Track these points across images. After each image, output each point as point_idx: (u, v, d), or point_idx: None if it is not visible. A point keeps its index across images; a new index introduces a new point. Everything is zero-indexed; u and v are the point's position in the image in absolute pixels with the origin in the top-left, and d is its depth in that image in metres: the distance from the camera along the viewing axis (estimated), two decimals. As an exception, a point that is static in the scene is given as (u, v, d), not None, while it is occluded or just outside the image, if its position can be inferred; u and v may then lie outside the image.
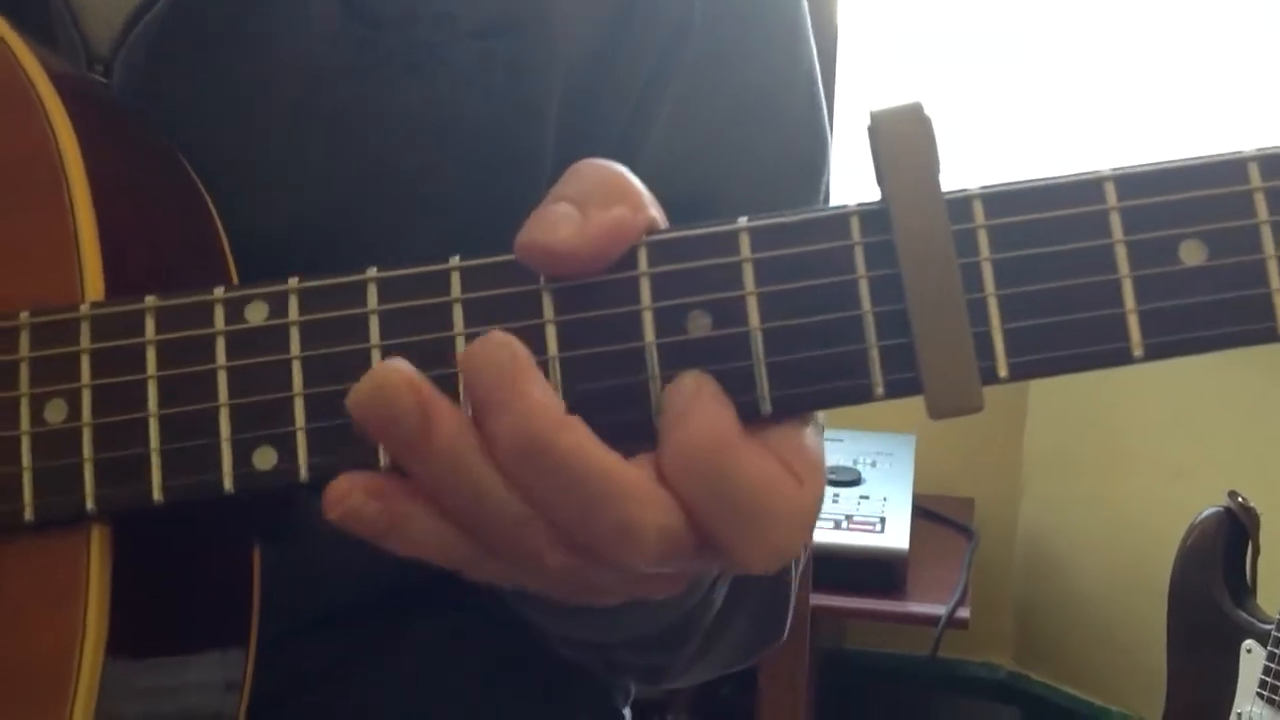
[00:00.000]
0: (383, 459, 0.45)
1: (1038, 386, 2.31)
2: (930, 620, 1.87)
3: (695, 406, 0.43)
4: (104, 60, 0.60)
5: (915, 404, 0.44)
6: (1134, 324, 0.43)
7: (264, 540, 0.54)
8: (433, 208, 0.64)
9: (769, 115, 0.69)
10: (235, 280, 0.55)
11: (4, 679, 0.47)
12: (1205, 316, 0.43)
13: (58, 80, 0.52)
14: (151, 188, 0.54)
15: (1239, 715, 1.70)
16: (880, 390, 0.44)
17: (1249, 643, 1.69)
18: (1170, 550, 1.76)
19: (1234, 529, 1.73)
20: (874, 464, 2.10)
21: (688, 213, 0.65)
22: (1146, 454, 2.23)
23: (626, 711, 0.81)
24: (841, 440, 2.12)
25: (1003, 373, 0.44)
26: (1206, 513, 1.75)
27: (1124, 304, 0.43)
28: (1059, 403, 2.32)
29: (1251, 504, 1.72)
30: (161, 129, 0.58)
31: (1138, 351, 0.43)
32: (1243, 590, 1.74)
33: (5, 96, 0.51)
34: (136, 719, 0.49)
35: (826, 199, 0.71)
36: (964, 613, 1.89)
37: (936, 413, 0.43)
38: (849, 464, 2.08)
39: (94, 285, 0.49)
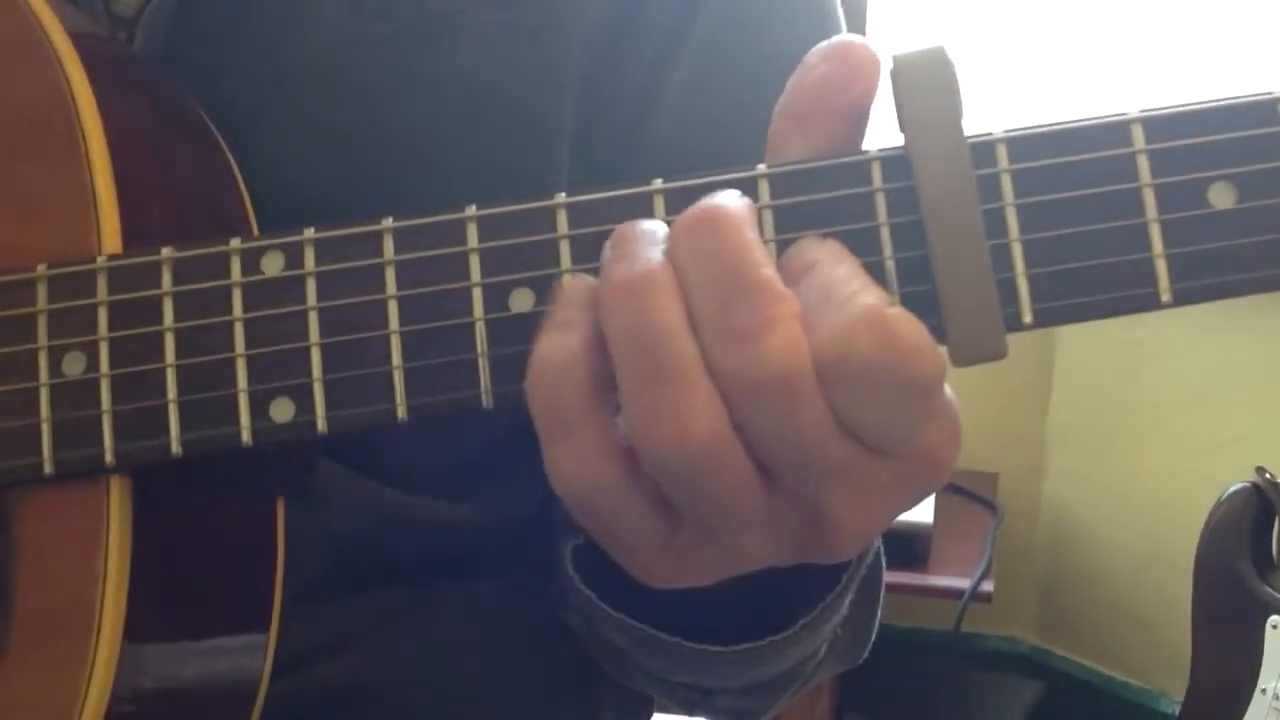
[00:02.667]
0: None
1: (1063, 361, 2.29)
2: (954, 594, 1.86)
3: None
4: (127, 23, 0.60)
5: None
6: (1162, 268, 0.42)
7: (287, 495, 0.54)
8: (452, 175, 0.63)
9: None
10: (255, 229, 0.54)
11: (28, 629, 0.47)
12: (1235, 260, 0.42)
13: (75, 35, 0.51)
14: (169, 140, 0.54)
15: (1263, 691, 1.69)
16: (902, 338, 0.43)
17: (1275, 619, 1.68)
18: (1196, 526, 1.75)
19: (1261, 505, 1.72)
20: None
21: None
22: (1172, 429, 2.21)
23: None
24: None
25: (1027, 319, 0.43)
26: (1234, 488, 1.74)
27: (1152, 248, 0.42)
28: (1084, 377, 2.30)
29: (1279, 480, 1.71)
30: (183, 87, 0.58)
31: (1166, 296, 0.42)
32: (1269, 566, 1.72)
33: (21, 49, 0.51)
34: (159, 670, 0.49)
35: None
36: (988, 586, 1.89)
37: (960, 360, 0.43)
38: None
39: (111, 238, 0.49)
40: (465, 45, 0.63)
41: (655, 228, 0.42)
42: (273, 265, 0.47)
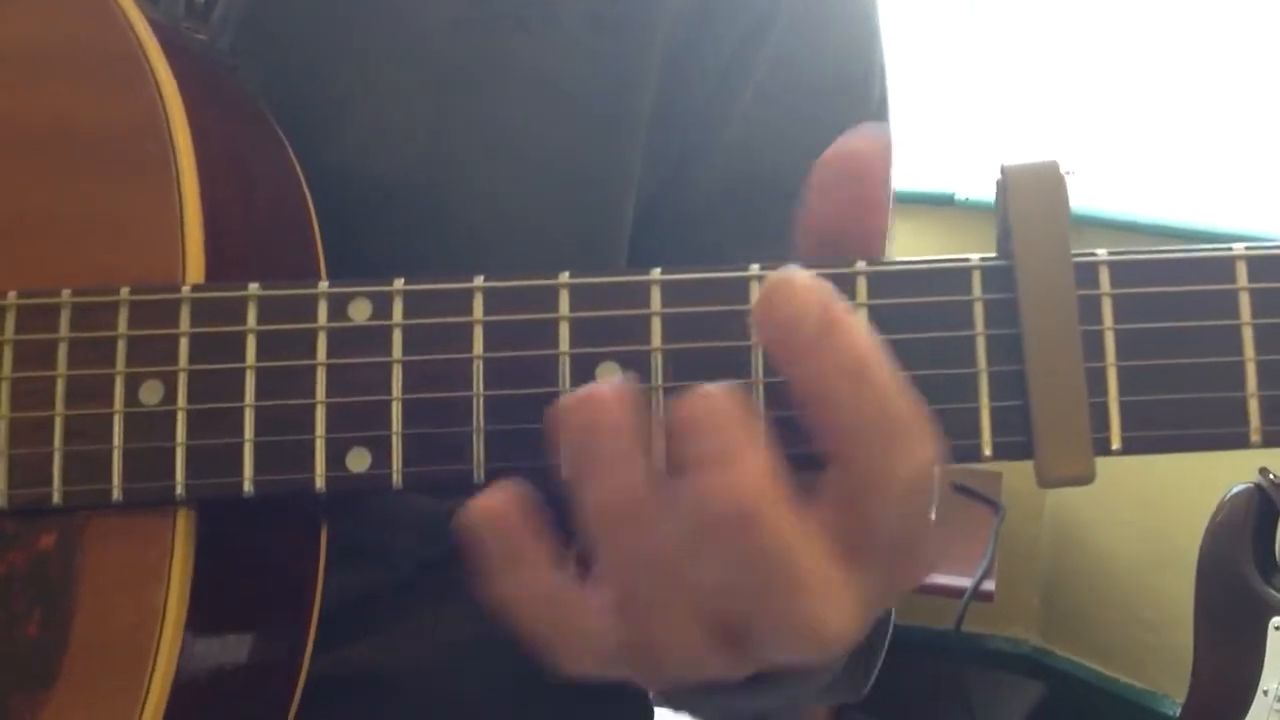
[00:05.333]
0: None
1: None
2: (956, 592, 1.87)
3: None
4: (209, 6, 0.60)
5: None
6: (1254, 409, 0.42)
7: (330, 520, 0.54)
8: (532, 165, 0.64)
9: (849, 105, 0.70)
10: (322, 256, 0.54)
11: (83, 657, 0.47)
12: (1327, 407, 0.42)
13: (169, 49, 0.51)
14: (251, 164, 0.53)
15: (1265, 692, 1.70)
16: (988, 451, 0.44)
17: (1277, 620, 1.69)
18: (1199, 527, 1.75)
19: (1264, 506, 1.72)
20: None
21: (772, 184, 0.66)
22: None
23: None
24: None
25: (1116, 445, 0.43)
26: (1237, 489, 1.74)
27: (1246, 387, 0.42)
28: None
29: (1282, 481, 1.72)
30: (265, 75, 0.58)
31: (1256, 437, 0.42)
32: (1271, 567, 1.73)
33: (117, 63, 0.50)
34: (206, 701, 0.50)
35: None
36: (989, 585, 1.90)
37: (1046, 481, 0.43)
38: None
39: (195, 266, 0.48)
40: (553, 39, 0.63)
41: None
42: (360, 313, 0.47)
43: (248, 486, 0.47)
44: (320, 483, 0.46)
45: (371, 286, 0.47)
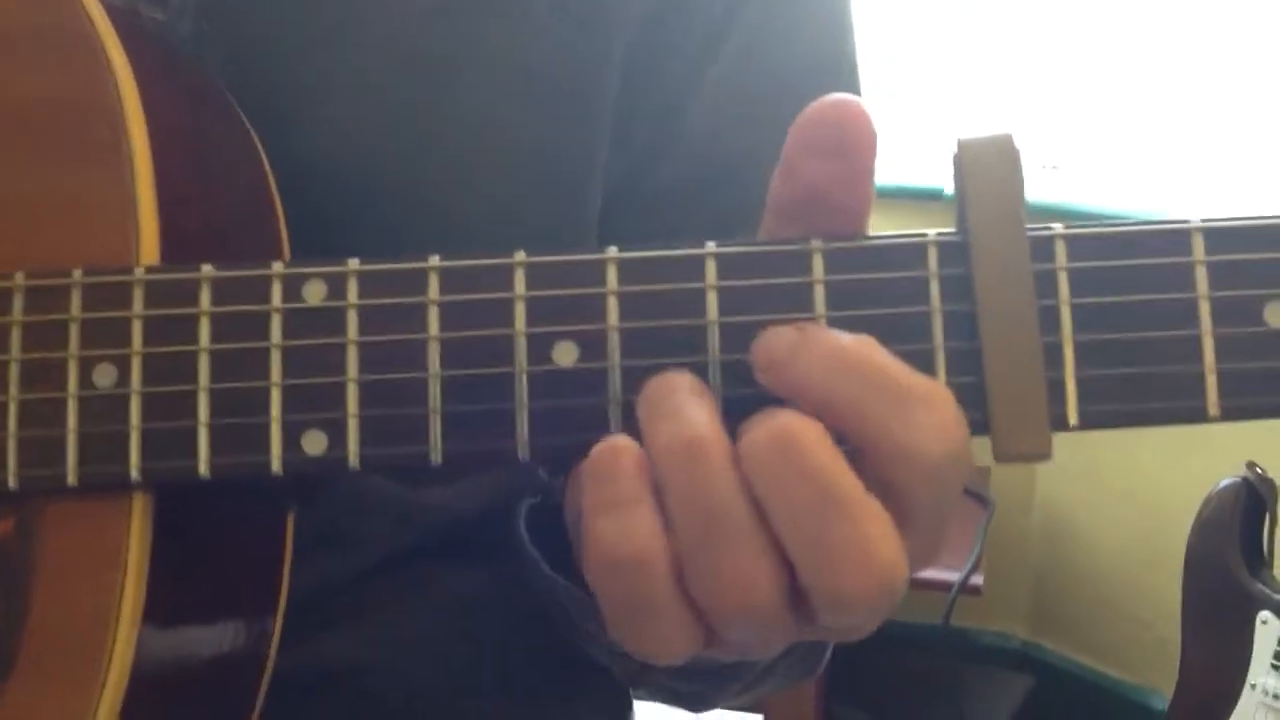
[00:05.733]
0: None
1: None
2: (944, 586, 1.87)
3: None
4: None
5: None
6: (1212, 383, 0.42)
7: (299, 504, 0.54)
8: (503, 148, 0.64)
9: (819, 94, 0.69)
10: (285, 238, 0.54)
11: (39, 642, 0.47)
12: (1286, 382, 0.42)
13: (121, 28, 0.50)
14: (209, 146, 0.53)
15: (1253, 686, 1.70)
16: (945, 427, 0.43)
17: (1265, 614, 1.69)
18: (1188, 521, 1.75)
19: (1251, 500, 1.72)
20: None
21: (741, 173, 0.66)
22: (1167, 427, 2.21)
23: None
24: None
25: (1073, 420, 0.43)
26: (1224, 483, 1.74)
27: (1203, 361, 0.42)
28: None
29: (1270, 475, 1.71)
30: (230, 62, 0.58)
31: (1214, 411, 0.42)
32: (1259, 561, 1.73)
33: (70, 46, 0.50)
34: (166, 686, 0.49)
35: None
36: (977, 579, 1.90)
37: (1003, 456, 0.43)
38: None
39: (150, 248, 0.48)
40: (522, 25, 0.63)
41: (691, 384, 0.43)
42: (315, 294, 0.46)
43: (203, 469, 0.46)
44: (277, 465, 0.46)
45: (326, 267, 0.46)
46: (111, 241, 0.48)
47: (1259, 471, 1.72)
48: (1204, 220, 0.43)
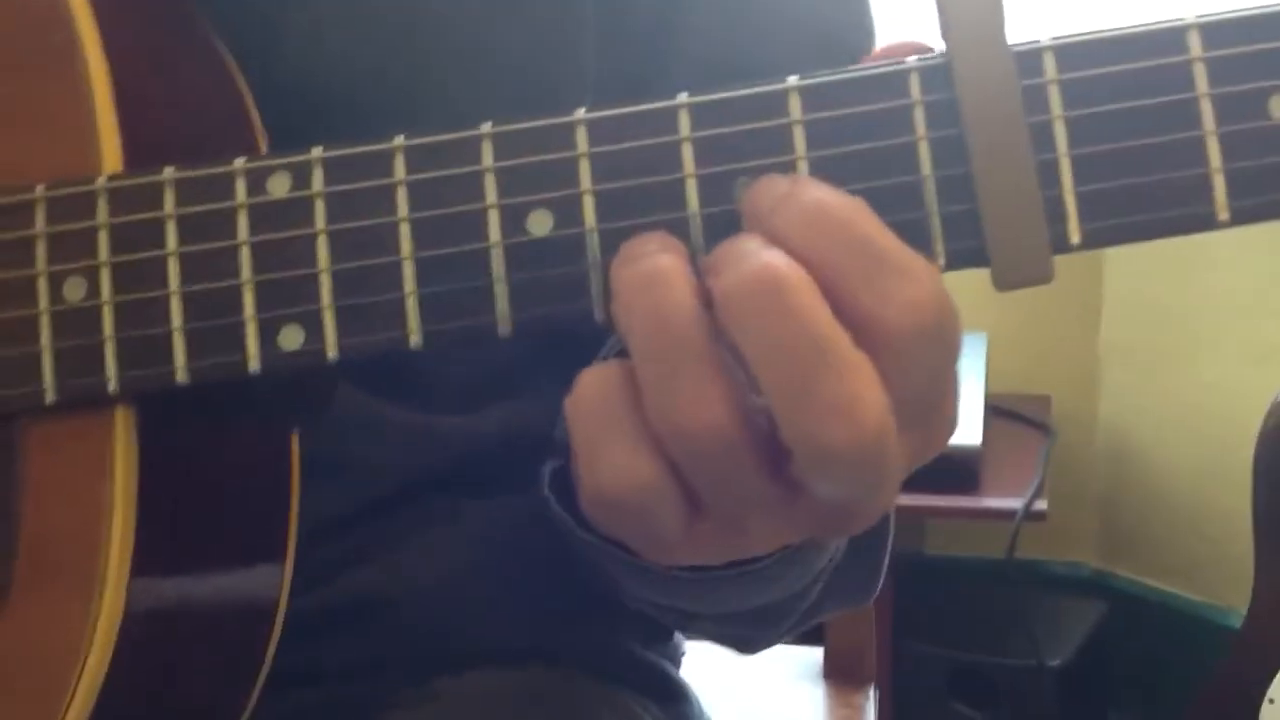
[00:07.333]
0: None
1: (1112, 277, 2.25)
2: (1008, 515, 1.83)
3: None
4: None
5: (985, 301, 0.41)
6: (1219, 184, 0.40)
7: (301, 423, 0.53)
8: (485, 63, 0.63)
9: None
10: (264, 148, 0.52)
11: (34, 562, 0.46)
12: (1298, 176, 0.39)
13: None
14: (171, 53, 0.52)
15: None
16: (942, 261, 0.41)
17: (1339, 519, 1.65)
18: (1254, 435, 1.71)
19: (1317, 406, 1.68)
20: (943, 365, 2.05)
21: (739, 74, 0.64)
22: (1226, 338, 2.17)
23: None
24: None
25: (1075, 239, 0.40)
26: (1286, 391, 1.69)
27: (1208, 163, 0.40)
28: (1134, 292, 2.25)
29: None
30: None
31: (1223, 215, 0.40)
32: (1329, 467, 1.68)
33: None
34: (170, 600, 0.48)
35: None
36: (1041, 505, 1.85)
37: (1003, 284, 0.40)
38: (917, 366, 2.03)
39: (112, 155, 0.47)
40: None
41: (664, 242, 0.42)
42: (279, 187, 0.45)
43: (180, 375, 0.45)
44: (254, 364, 0.45)
45: (289, 158, 0.45)
46: (73, 152, 0.47)
47: (1321, 375, 1.68)
48: (1199, 16, 0.40)
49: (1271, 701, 1.65)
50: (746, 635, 0.69)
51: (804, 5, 0.68)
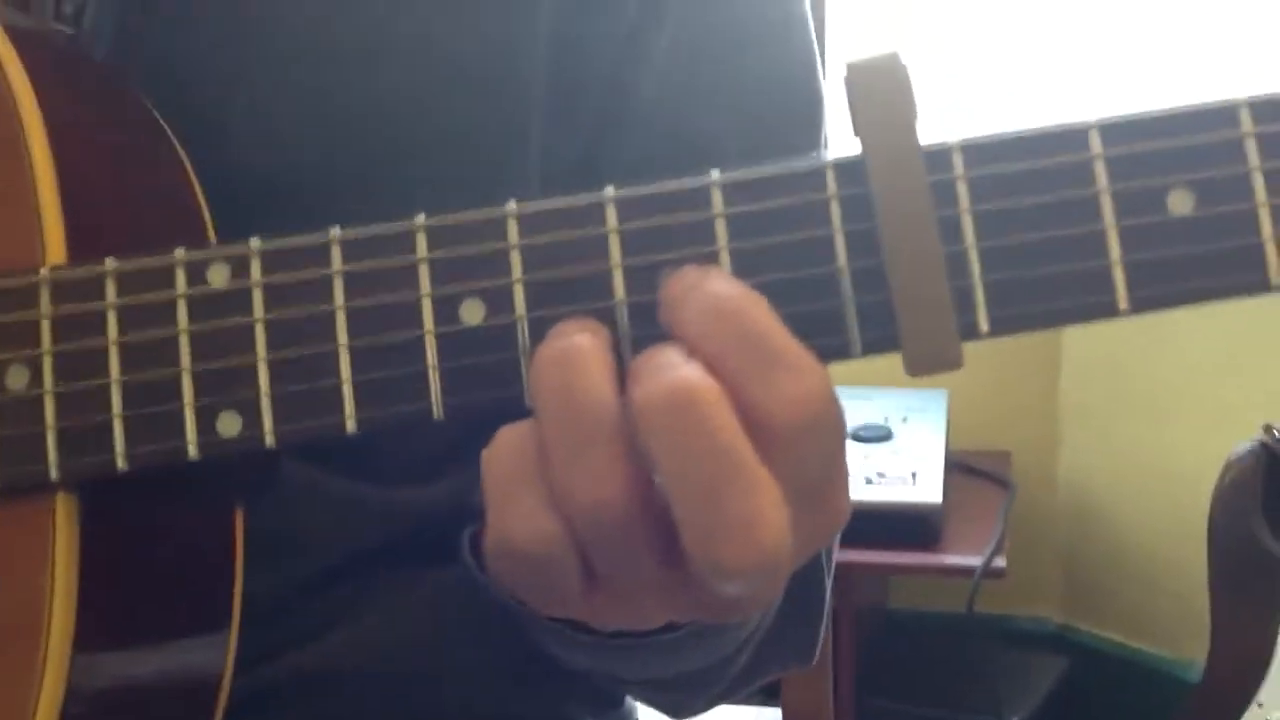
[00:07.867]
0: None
1: (1070, 336, 2.28)
2: (968, 571, 1.84)
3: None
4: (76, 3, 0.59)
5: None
6: (1120, 276, 0.41)
7: (245, 502, 0.53)
8: (428, 144, 0.64)
9: (767, 57, 0.69)
10: (213, 236, 0.54)
11: None
12: (1194, 268, 0.41)
13: (14, 33, 0.50)
14: (118, 142, 0.53)
15: (1286, 648, 1.67)
16: (858, 349, 0.43)
17: (1292, 576, 1.66)
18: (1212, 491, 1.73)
19: (1271, 463, 1.69)
20: (905, 420, 2.06)
21: (696, 138, 0.65)
22: (1186, 396, 2.19)
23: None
24: (871, 397, 2.08)
25: (984, 327, 0.42)
26: (1242, 448, 1.71)
27: (1109, 255, 0.41)
28: (1093, 349, 2.28)
29: (1288, 438, 1.69)
30: (142, 72, 0.57)
31: (1124, 305, 0.41)
32: (1282, 524, 1.70)
33: None
34: (112, 679, 0.49)
35: (826, 148, 0.70)
36: (1000, 562, 1.87)
37: (914, 369, 0.42)
38: (880, 421, 2.04)
39: (56, 246, 0.48)
40: (440, 12, 0.63)
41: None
42: (218, 277, 0.46)
43: (120, 463, 0.46)
44: (193, 450, 0.46)
45: (228, 249, 0.46)
46: (18, 243, 0.48)
47: (1277, 434, 1.70)
48: (1099, 118, 0.42)
49: (1233, 750, 1.66)
50: (676, 700, 0.70)
51: (753, 74, 0.69)
